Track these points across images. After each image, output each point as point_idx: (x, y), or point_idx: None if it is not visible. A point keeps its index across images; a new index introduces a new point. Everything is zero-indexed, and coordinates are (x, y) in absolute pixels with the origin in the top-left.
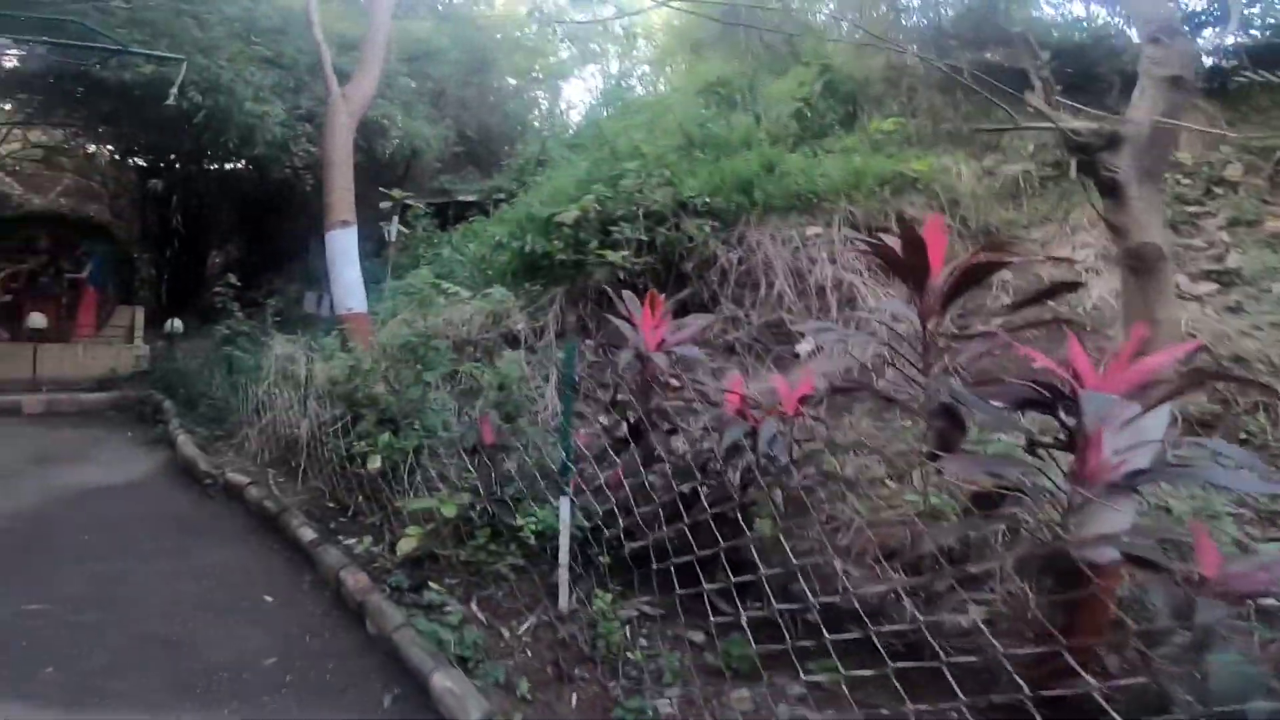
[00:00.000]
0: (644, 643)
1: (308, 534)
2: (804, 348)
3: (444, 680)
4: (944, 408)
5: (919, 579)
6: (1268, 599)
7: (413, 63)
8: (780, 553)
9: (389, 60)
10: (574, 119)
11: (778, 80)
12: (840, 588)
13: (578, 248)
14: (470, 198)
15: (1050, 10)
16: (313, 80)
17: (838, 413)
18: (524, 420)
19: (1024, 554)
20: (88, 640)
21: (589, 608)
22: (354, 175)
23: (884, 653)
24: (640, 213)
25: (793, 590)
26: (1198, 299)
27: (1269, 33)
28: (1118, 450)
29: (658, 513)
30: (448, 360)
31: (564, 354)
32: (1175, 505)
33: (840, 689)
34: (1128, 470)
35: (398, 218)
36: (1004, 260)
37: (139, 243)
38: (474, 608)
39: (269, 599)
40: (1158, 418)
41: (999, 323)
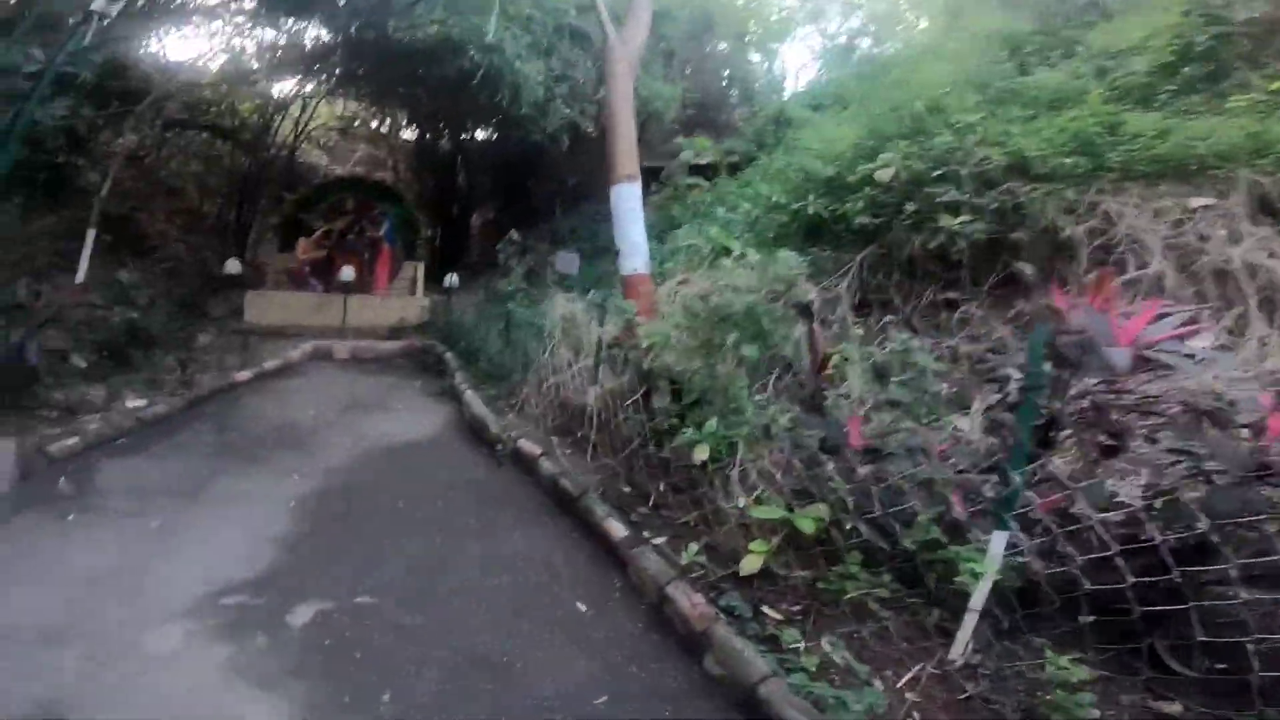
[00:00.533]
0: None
1: (617, 529)
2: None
3: None
4: None
5: None
6: None
7: None
8: None
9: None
10: (800, 81)
11: (1104, 33)
12: None
13: (879, 210)
14: (704, 160)
15: None
16: (559, 41)
17: None
18: (904, 419)
19: None
20: (417, 654)
21: (992, 658)
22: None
23: None
24: (965, 174)
25: None
26: None
27: None
28: None
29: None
30: (783, 333)
31: (1030, 344)
32: None
33: None
34: None
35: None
36: None
37: (419, 204)
38: (838, 648)
39: (582, 608)
40: None
41: None
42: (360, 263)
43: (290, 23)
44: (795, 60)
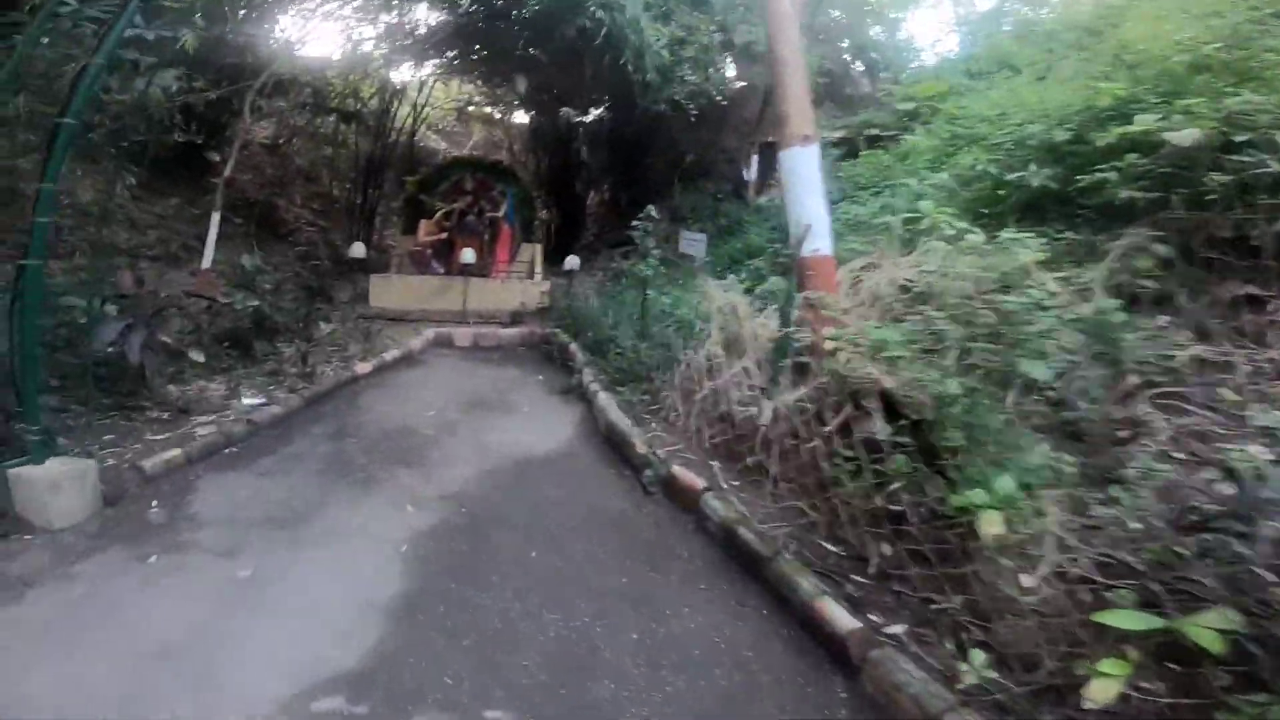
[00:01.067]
0: None
1: (838, 616)
2: None
3: None
4: None
5: None
6: None
7: None
8: None
9: None
10: (934, 51)
11: None
12: None
13: (1153, 183)
14: (838, 133)
15: None
16: (676, 8)
17: None
18: None
19: None
20: None
21: None
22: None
23: None
24: None
25: None
26: None
27: None
28: None
29: None
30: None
31: None
32: None
33: None
34: None
35: (757, 155)
36: None
37: (534, 184)
38: None
39: None
40: None
41: None
42: (480, 244)
43: (405, 6)
44: (921, 30)
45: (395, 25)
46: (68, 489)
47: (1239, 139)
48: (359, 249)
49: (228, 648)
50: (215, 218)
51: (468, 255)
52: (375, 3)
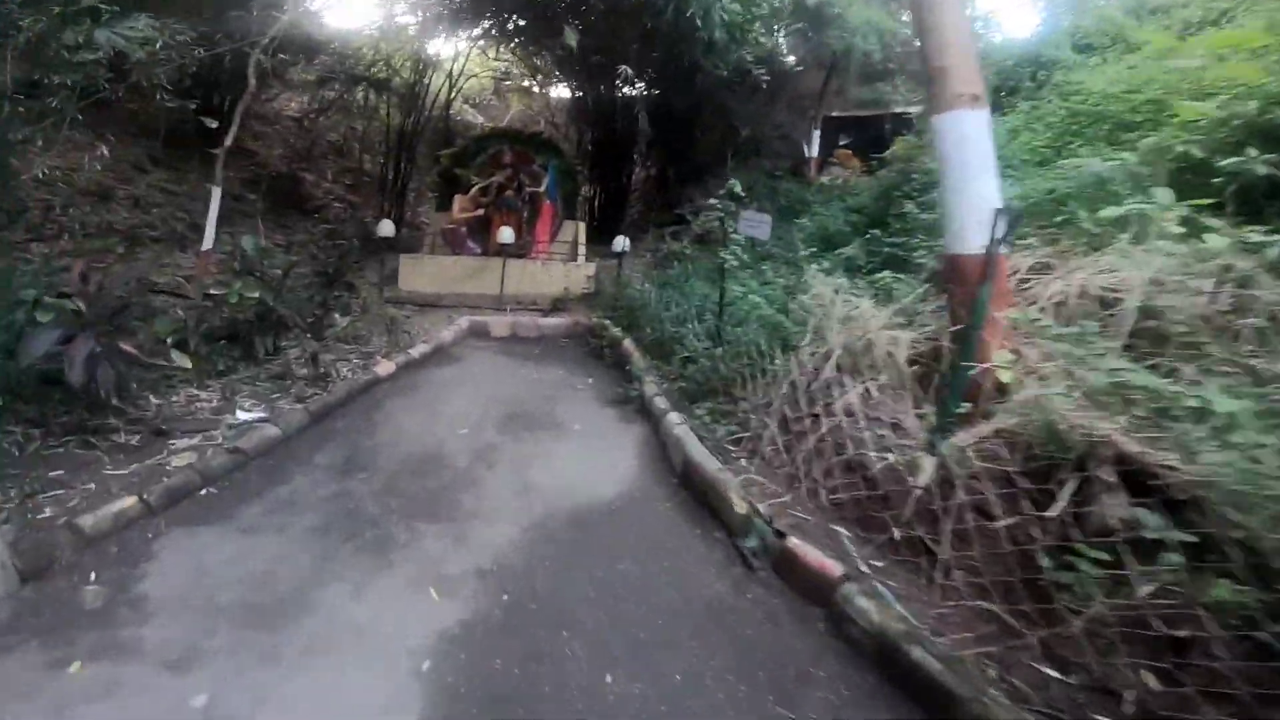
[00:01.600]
0: None
1: None
2: None
3: None
4: None
5: None
6: None
7: None
8: None
9: None
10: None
11: None
12: None
13: None
14: (914, 109)
15: None
16: None
17: None
18: None
19: None
20: None
21: None
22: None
23: None
24: None
25: None
26: None
27: None
28: None
29: None
30: None
31: None
32: None
33: None
34: None
35: (819, 131)
36: None
37: (576, 159)
38: None
39: None
40: None
41: None
42: (519, 222)
43: None
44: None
45: None
46: None
47: None
48: (387, 227)
49: None
50: (216, 194)
51: (506, 235)
52: None
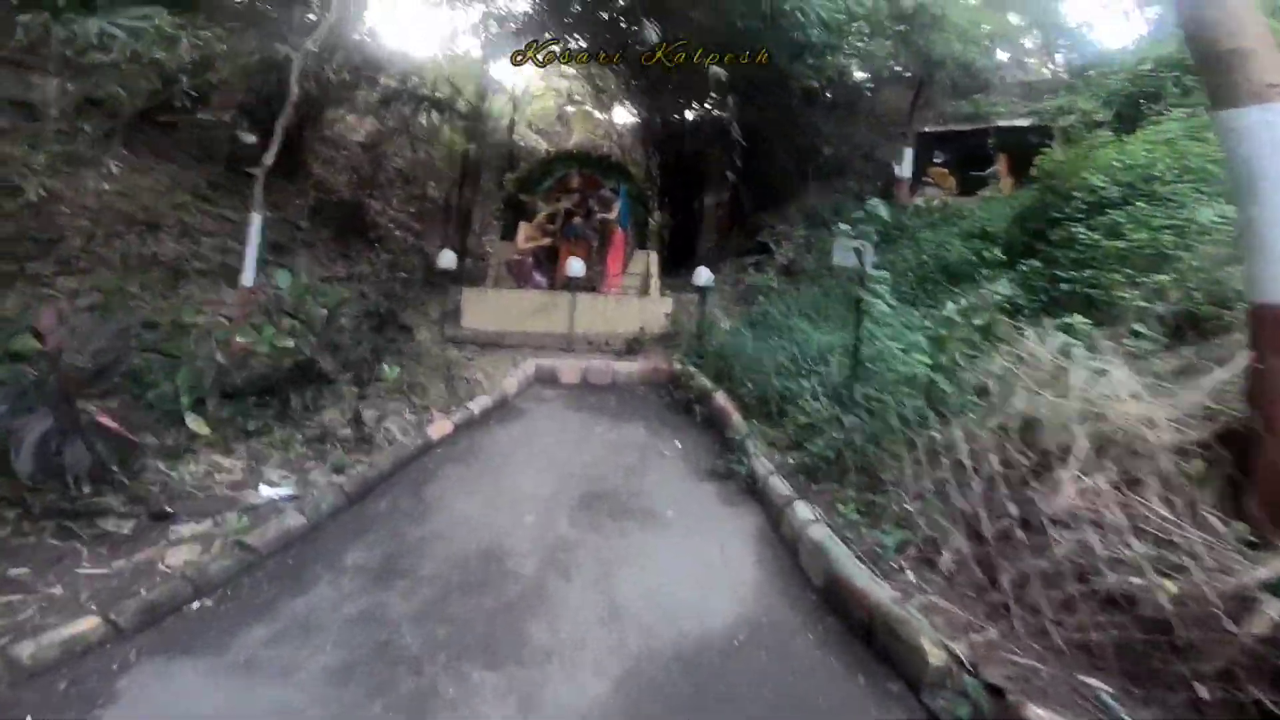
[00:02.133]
0: None
1: None
2: None
3: None
4: None
5: None
6: None
7: None
8: None
9: None
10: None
11: None
12: None
13: None
14: (1023, 121)
15: None
16: None
17: None
18: None
19: None
20: None
21: None
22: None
23: None
24: None
25: None
26: None
27: None
28: None
29: None
30: None
31: None
32: None
33: None
34: None
35: (911, 149)
36: None
37: (645, 181)
38: None
39: None
40: None
41: None
42: (588, 251)
43: None
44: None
45: (489, 13)
46: None
47: None
48: (448, 258)
49: None
50: (256, 221)
51: (575, 267)
52: None
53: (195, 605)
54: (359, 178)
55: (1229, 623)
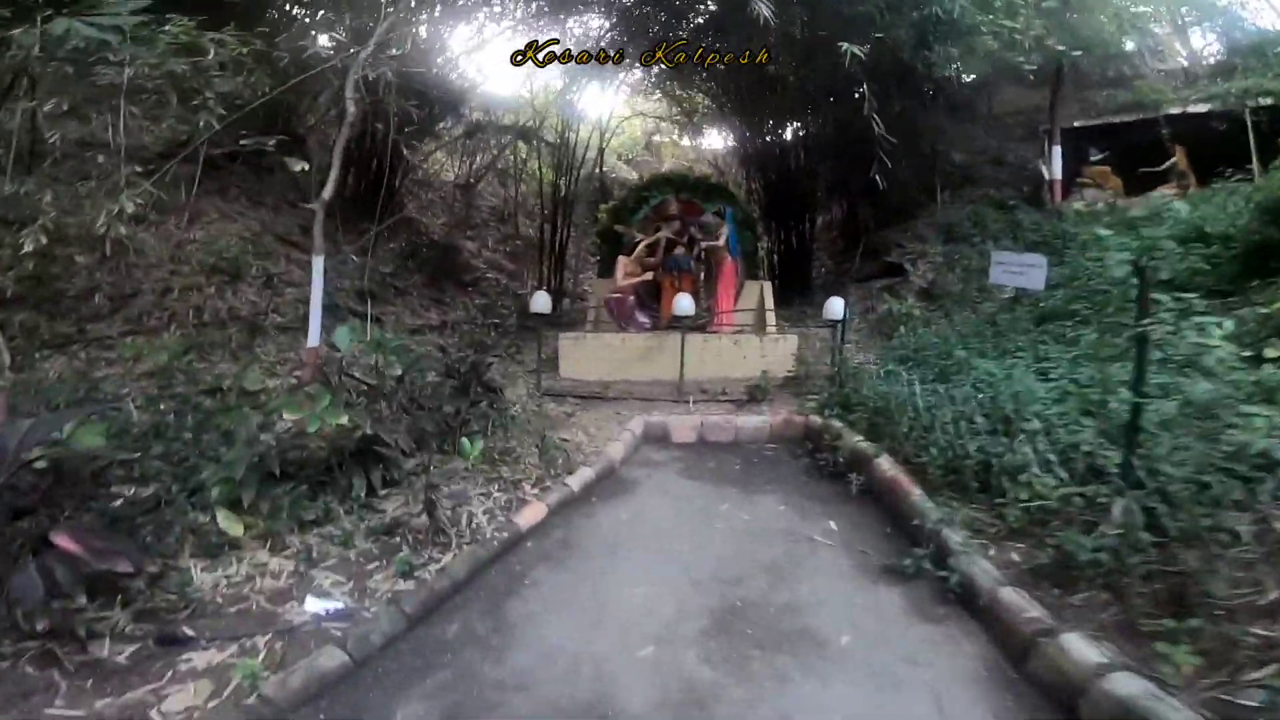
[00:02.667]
0: None
1: None
2: None
3: None
4: None
5: None
6: None
7: None
8: None
9: None
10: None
11: None
12: None
13: None
14: (1200, 107)
15: None
16: None
17: None
18: None
19: None
20: None
21: None
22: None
23: None
24: None
25: None
26: None
27: None
28: None
29: None
30: None
31: None
32: None
33: None
34: None
35: (1058, 146)
36: None
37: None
38: None
39: None
40: None
41: None
42: (694, 285)
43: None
44: None
45: (572, 41)
46: None
47: None
48: (542, 301)
49: None
50: (318, 265)
51: (683, 304)
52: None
53: None
54: (455, 219)
55: None
